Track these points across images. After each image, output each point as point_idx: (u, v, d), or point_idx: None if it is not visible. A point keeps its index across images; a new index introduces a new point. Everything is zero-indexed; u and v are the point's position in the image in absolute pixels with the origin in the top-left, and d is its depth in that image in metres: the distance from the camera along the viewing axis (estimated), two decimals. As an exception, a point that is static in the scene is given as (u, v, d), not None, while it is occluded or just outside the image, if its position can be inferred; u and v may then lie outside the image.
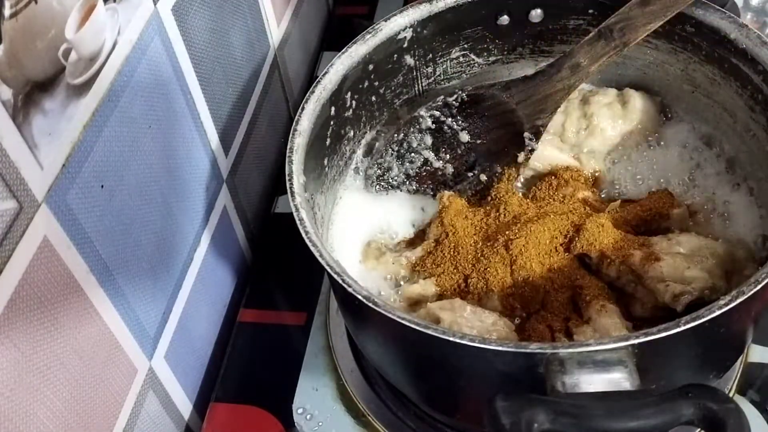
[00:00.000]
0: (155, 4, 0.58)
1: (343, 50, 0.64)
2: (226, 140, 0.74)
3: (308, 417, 0.65)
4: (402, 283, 0.62)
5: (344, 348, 0.69)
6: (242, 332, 0.74)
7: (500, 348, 0.45)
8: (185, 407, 0.69)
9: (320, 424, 0.65)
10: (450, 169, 0.68)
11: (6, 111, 0.43)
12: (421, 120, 0.68)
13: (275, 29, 0.85)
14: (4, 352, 0.44)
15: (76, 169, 0.49)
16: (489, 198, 0.66)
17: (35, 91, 0.45)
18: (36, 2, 0.45)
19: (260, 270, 0.80)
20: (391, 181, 0.68)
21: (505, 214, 0.62)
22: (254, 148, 0.81)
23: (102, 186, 0.53)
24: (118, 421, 0.57)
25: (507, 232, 0.60)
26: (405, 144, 0.68)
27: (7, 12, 0.43)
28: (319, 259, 0.51)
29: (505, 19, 0.69)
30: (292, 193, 0.55)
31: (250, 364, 0.72)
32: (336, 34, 1.04)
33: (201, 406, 0.71)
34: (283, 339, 0.73)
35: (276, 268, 0.79)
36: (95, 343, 0.53)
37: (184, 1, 0.63)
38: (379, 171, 0.69)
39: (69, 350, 0.50)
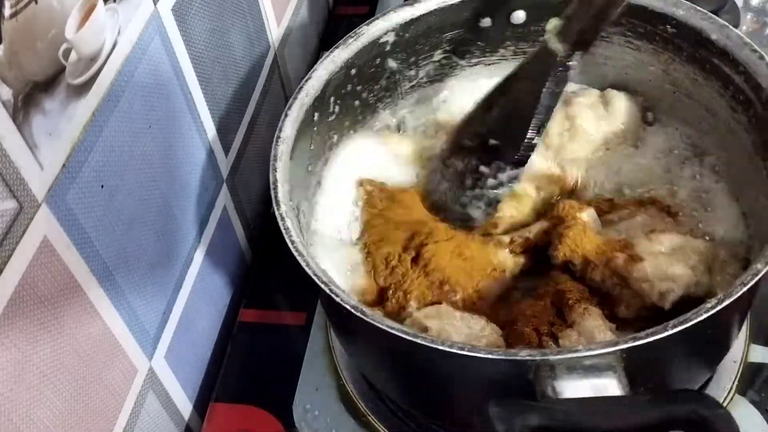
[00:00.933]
0: (155, 4, 0.58)
1: (326, 55, 0.64)
2: (226, 140, 0.74)
3: (308, 417, 0.65)
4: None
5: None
6: (242, 332, 0.74)
7: (490, 356, 0.45)
8: (185, 407, 0.69)
9: (321, 424, 0.65)
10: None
11: (6, 111, 0.43)
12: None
13: (275, 29, 0.85)
14: (4, 352, 0.44)
15: (76, 169, 0.49)
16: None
17: (35, 91, 0.45)
18: (36, 2, 0.45)
19: (260, 270, 0.80)
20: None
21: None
22: (254, 148, 0.81)
23: (102, 186, 0.53)
24: (118, 420, 0.57)
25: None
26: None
27: (7, 12, 0.43)
28: (306, 268, 0.51)
29: (486, 21, 0.69)
30: (278, 202, 0.55)
31: (250, 364, 0.72)
32: (336, 34, 1.04)
33: (201, 406, 0.71)
34: (283, 339, 0.73)
35: (276, 268, 0.79)
36: (95, 343, 0.53)
37: (184, 1, 0.63)
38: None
39: (69, 350, 0.50)
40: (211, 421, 0.68)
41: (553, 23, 0.56)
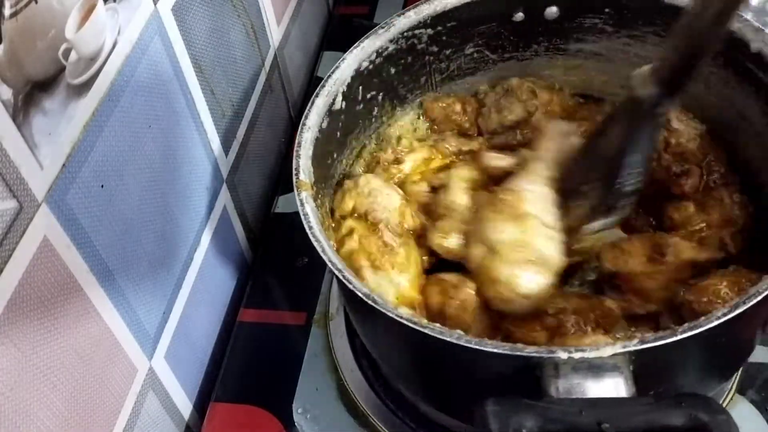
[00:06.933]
0: (155, 4, 0.58)
1: (356, 44, 0.64)
2: (226, 140, 0.74)
3: (308, 417, 0.65)
4: None
5: (344, 348, 0.69)
6: (242, 332, 0.74)
7: (496, 350, 0.45)
8: (185, 407, 0.69)
9: (320, 424, 0.65)
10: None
11: (6, 111, 0.43)
12: None
13: (275, 29, 0.86)
14: (4, 352, 0.44)
15: (76, 169, 0.49)
16: None
17: (35, 90, 0.45)
18: (36, 2, 0.45)
19: (260, 270, 0.80)
20: None
21: None
22: (254, 148, 0.81)
23: (102, 186, 0.53)
24: (118, 420, 0.58)
25: None
26: None
27: (7, 12, 0.43)
28: (322, 254, 0.51)
29: (520, 16, 0.68)
30: (298, 188, 0.55)
31: (250, 364, 0.72)
32: (336, 34, 1.04)
33: (201, 405, 0.71)
34: (283, 339, 0.73)
35: (276, 268, 0.79)
36: (95, 343, 0.53)
37: (184, 1, 0.63)
38: None
39: (69, 350, 0.50)
40: (211, 421, 0.68)
41: (641, 69, 0.53)
